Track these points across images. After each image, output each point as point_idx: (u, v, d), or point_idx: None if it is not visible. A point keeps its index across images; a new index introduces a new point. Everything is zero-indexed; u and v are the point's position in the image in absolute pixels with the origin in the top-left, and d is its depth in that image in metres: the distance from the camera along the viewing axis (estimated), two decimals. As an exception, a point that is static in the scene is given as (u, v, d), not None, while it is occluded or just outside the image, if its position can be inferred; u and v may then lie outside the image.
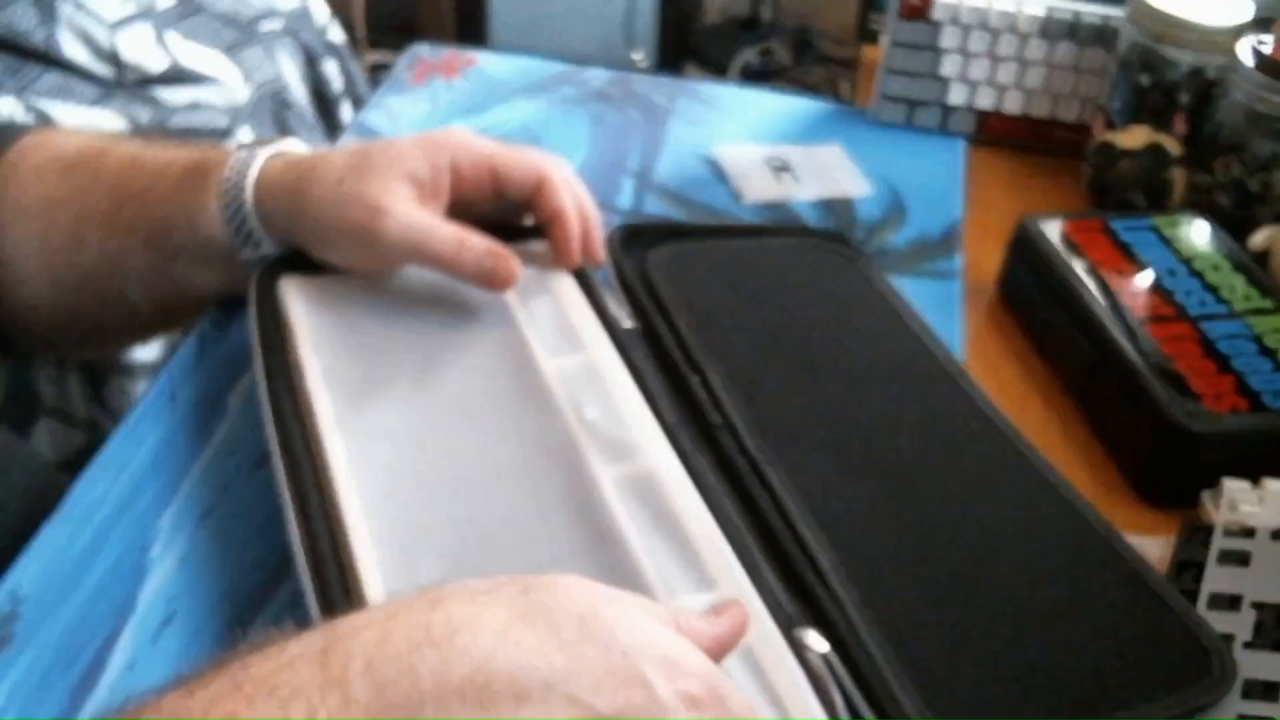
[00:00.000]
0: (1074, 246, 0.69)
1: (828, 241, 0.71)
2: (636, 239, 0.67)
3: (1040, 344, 0.70)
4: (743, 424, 0.55)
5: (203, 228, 0.55)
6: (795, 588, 0.48)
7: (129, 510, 0.53)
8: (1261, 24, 0.79)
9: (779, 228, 0.76)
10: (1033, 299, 0.70)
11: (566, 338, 0.58)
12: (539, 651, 0.33)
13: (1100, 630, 0.48)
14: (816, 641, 0.45)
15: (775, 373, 0.60)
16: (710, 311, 0.62)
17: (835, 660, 0.45)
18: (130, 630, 0.48)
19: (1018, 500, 0.54)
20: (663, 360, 0.58)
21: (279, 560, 0.50)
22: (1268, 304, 0.66)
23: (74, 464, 0.55)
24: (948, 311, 0.71)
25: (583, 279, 0.62)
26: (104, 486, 0.54)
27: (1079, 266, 0.68)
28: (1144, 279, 0.68)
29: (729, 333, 0.61)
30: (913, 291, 0.69)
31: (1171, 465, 0.59)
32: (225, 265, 0.57)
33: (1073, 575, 0.51)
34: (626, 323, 0.60)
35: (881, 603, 0.47)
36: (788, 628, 0.45)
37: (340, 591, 0.44)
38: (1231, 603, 0.49)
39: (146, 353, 0.78)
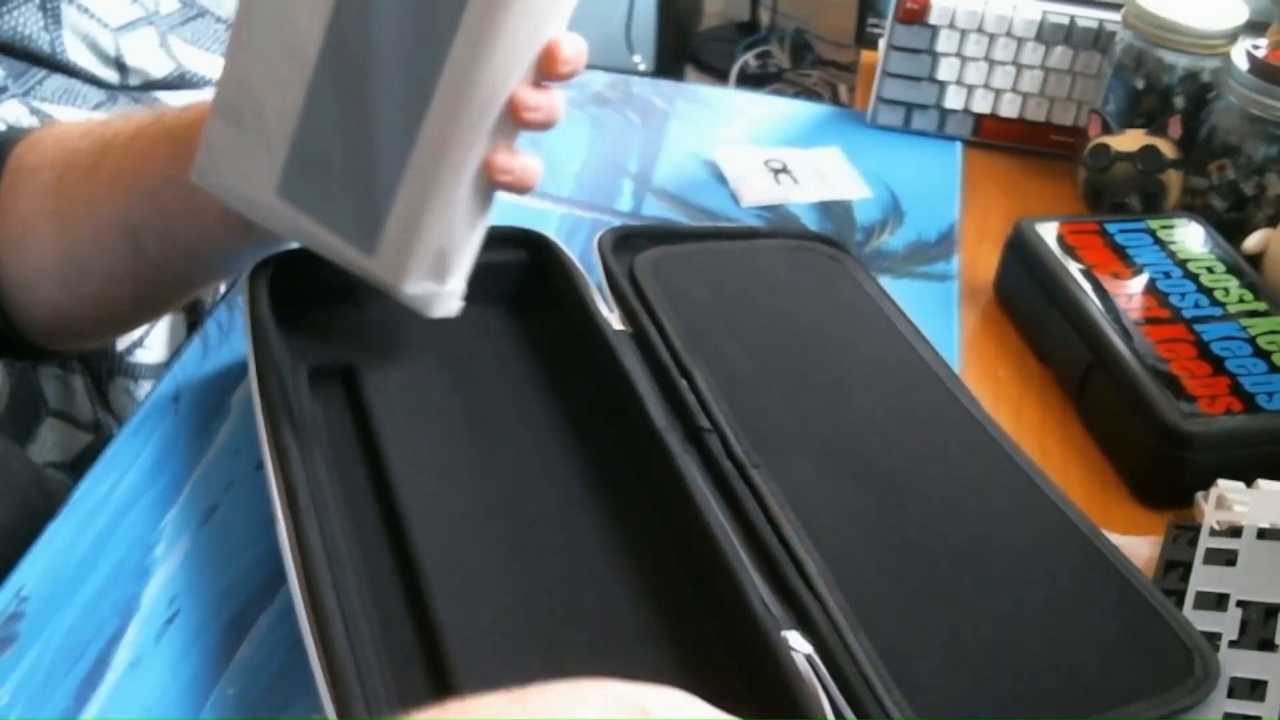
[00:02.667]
0: (1070, 249, 0.70)
1: (817, 243, 0.72)
2: (626, 242, 0.67)
3: (1036, 346, 0.70)
4: (730, 428, 0.55)
5: None
6: (780, 591, 0.48)
7: (132, 510, 0.54)
8: (1256, 28, 0.79)
9: (768, 230, 0.76)
10: (1029, 301, 0.71)
11: None
12: (542, 703, 0.35)
13: (1084, 632, 0.48)
14: (800, 643, 0.45)
15: (763, 376, 0.60)
16: (699, 315, 0.63)
17: (819, 662, 0.45)
18: (134, 629, 0.49)
19: (1004, 503, 0.54)
20: (652, 363, 0.59)
21: (281, 559, 0.51)
22: (1262, 306, 0.66)
23: (79, 464, 0.55)
24: (944, 313, 0.72)
25: (574, 282, 0.62)
26: (108, 486, 0.55)
27: (1075, 269, 0.68)
28: (1139, 281, 0.68)
29: (718, 336, 0.62)
30: (910, 293, 0.70)
31: (1166, 466, 0.59)
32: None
33: (1058, 577, 0.51)
34: (617, 325, 0.61)
35: (866, 606, 0.48)
36: (773, 629, 0.45)
37: (331, 593, 0.45)
38: (1218, 602, 0.50)
39: (150, 354, 0.78)
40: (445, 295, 0.51)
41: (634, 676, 0.45)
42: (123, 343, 0.77)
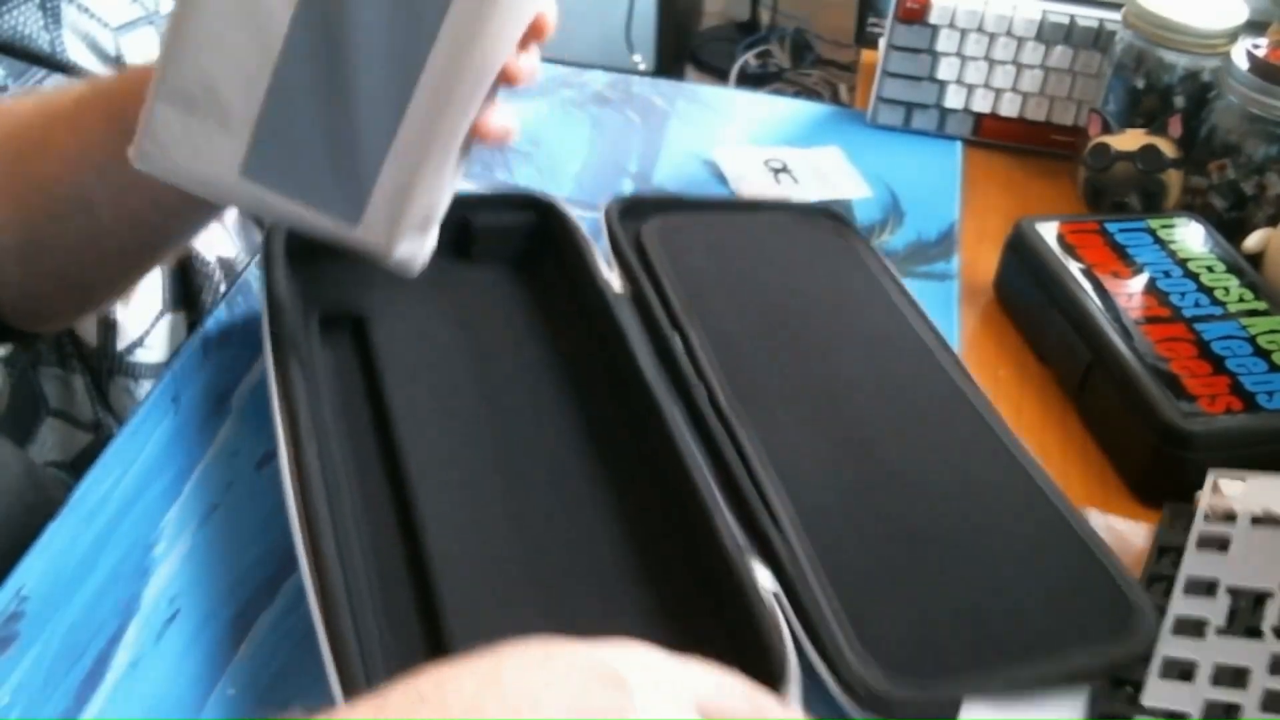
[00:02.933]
0: (1070, 248, 0.70)
1: (821, 217, 0.73)
2: (633, 210, 0.69)
3: (1036, 345, 0.70)
4: (718, 382, 0.58)
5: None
6: (750, 528, 0.51)
7: (133, 509, 0.54)
8: (1256, 27, 0.79)
9: (774, 203, 0.78)
10: (1029, 300, 0.71)
11: None
12: (516, 679, 0.36)
13: (1037, 586, 0.51)
14: (763, 573, 0.49)
15: (756, 337, 0.62)
16: (699, 279, 0.65)
17: (780, 592, 0.48)
18: (134, 628, 0.49)
19: (973, 466, 0.57)
20: (648, 322, 0.61)
21: (282, 558, 0.51)
22: (1262, 305, 0.66)
23: (79, 464, 0.55)
24: (945, 312, 0.72)
25: (578, 245, 0.64)
26: (108, 486, 0.55)
27: (1075, 268, 0.68)
28: (1139, 281, 0.68)
29: (715, 299, 0.64)
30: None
31: (1167, 465, 0.59)
32: None
33: (1018, 536, 0.53)
34: (617, 287, 0.63)
35: (829, 547, 0.51)
36: (739, 560, 0.48)
37: (326, 514, 0.47)
38: (1208, 589, 0.50)
39: (150, 354, 0.78)
40: (425, 251, 0.53)
41: (614, 605, 0.49)
42: (123, 342, 0.77)
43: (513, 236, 0.67)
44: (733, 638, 0.47)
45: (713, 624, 0.48)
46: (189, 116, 0.49)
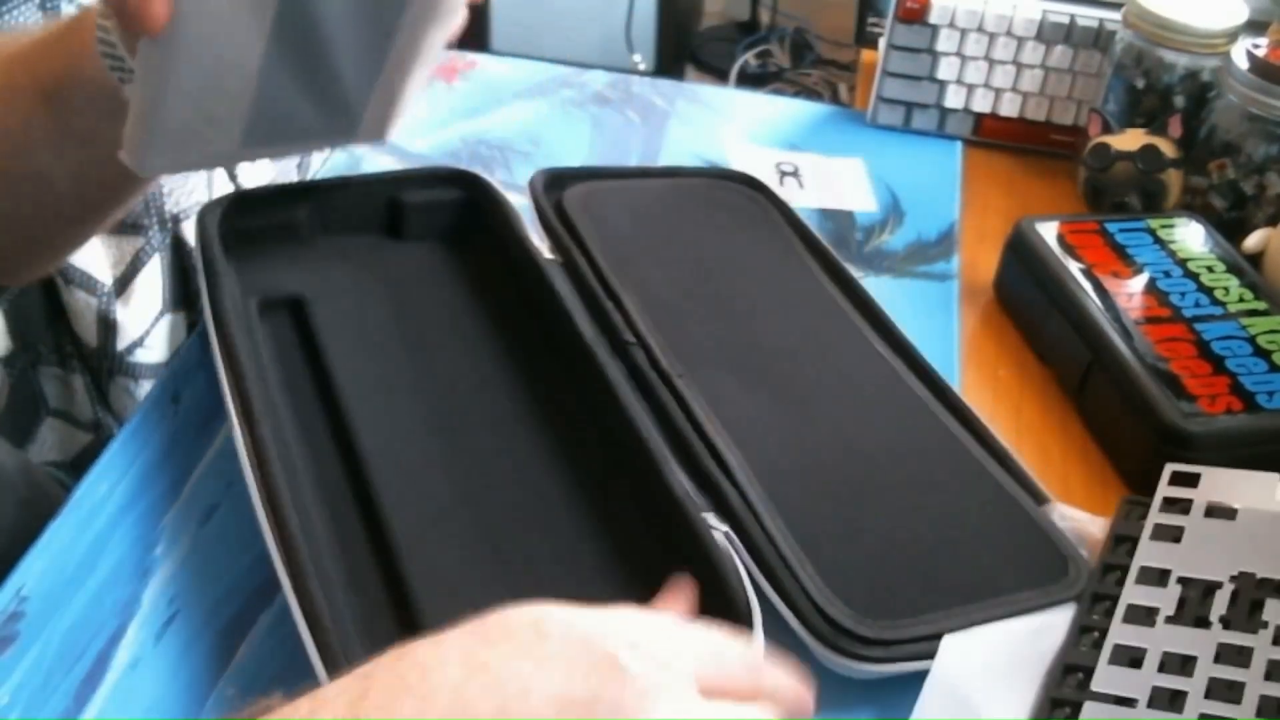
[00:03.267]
0: (1070, 248, 0.70)
1: (735, 182, 0.75)
2: (557, 182, 0.71)
3: (1036, 345, 0.70)
4: (655, 343, 0.59)
5: (85, 66, 0.53)
6: (703, 482, 0.52)
7: (132, 510, 0.54)
8: (1256, 27, 0.79)
9: (690, 169, 0.80)
10: (1029, 300, 0.71)
11: None
12: (504, 664, 0.34)
13: (974, 534, 0.53)
14: (717, 522, 0.50)
15: (684, 300, 0.64)
16: (624, 244, 0.67)
17: (735, 539, 0.50)
18: (134, 629, 0.49)
19: (898, 420, 0.59)
20: (581, 287, 0.63)
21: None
22: (1262, 305, 0.66)
23: (79, 465, 0.55)
24: (944, 313, 0.72)
25: (507, 216, 0.66)
26: (108, 486, 0.55)
27: (1075, 268, 0.68)
28: (1139, 280, 0.68)
29: (642, 263, 0.66)
30: (910, 293, 0.70)
31: (1166, 465, 0.59)
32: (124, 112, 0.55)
33: (946, 487, 0.55)
34: (548, 255, 0.65)
35: (783, 497, 0.52)
36: (694, 512, 0.49)
37: (285, 488, 0.48)
38: (1160, 578, 0.50)
39: (150, 354, 0.78)
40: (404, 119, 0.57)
41: (573, 565, 0.50)
42: (123, 342, 0.77)
43: (443, 212, 0.68)
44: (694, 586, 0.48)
45: (667, 568, 0.49)
46: (184, 134, 0.51)
